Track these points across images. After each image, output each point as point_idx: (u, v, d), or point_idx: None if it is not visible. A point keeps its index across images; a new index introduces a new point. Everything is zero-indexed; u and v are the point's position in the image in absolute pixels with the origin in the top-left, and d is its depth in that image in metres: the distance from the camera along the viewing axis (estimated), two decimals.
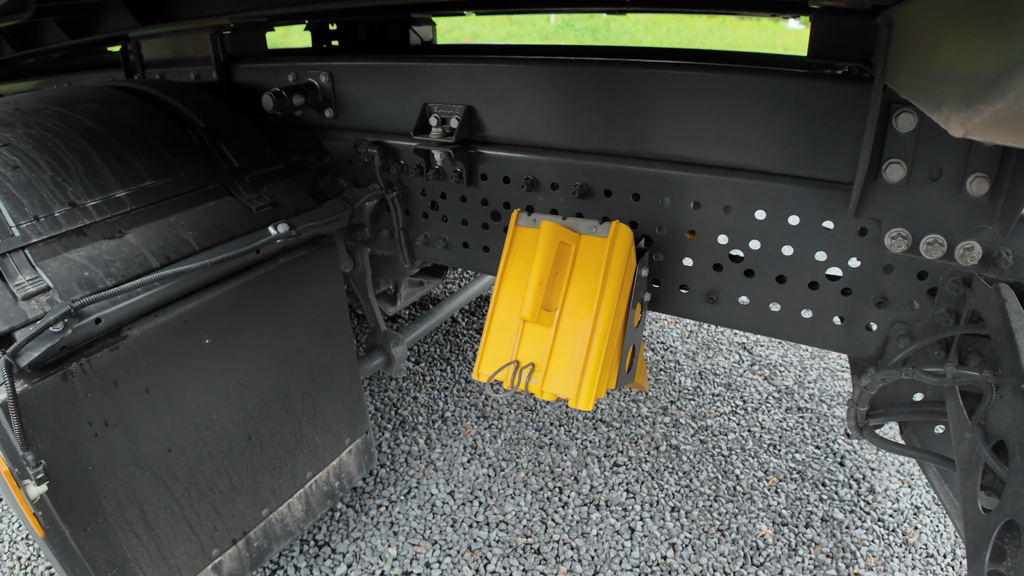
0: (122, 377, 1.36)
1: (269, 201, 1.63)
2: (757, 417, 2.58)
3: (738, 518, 2.14)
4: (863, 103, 1.19)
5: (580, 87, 1.40)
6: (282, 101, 1.70)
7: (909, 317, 1.32)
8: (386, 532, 2.11)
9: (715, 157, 1.33)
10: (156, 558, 1.50)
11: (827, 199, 1.28)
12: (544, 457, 2.39)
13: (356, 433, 1.89)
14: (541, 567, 1.99)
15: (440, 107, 1.56)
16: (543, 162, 1.49)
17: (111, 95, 1.74)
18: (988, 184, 1.15)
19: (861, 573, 1.99)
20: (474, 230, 1.65)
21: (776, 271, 1.36)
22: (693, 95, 1.30)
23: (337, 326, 1.73)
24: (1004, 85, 0.50)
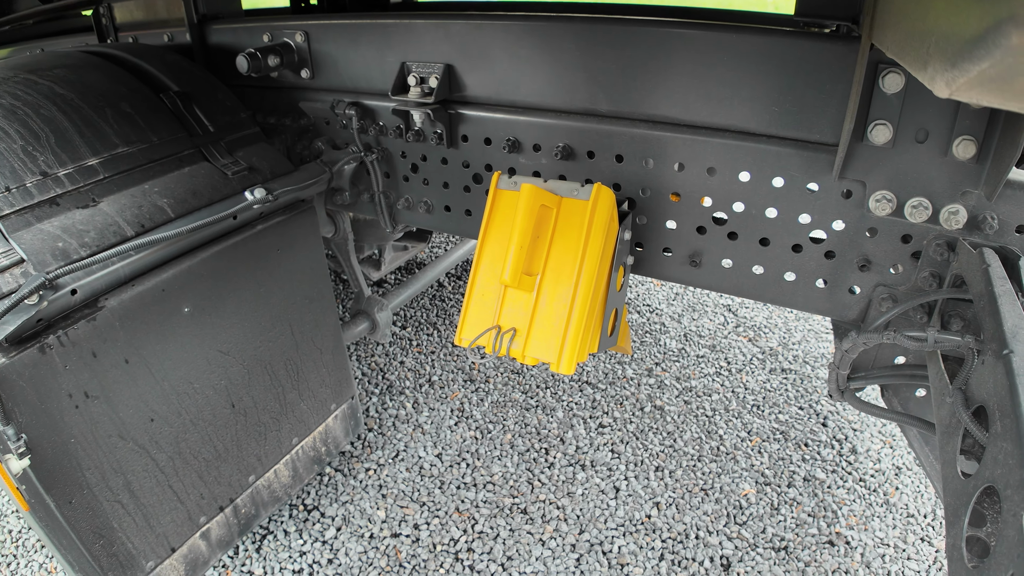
0: (100, 348, 1.35)
1: (245, 166, 1.59)
2: (741, 378, 2.60)
3: (721, 478, 2.18)
4: (850, 63, 1.16)
5: (561, 45, 1.35)
6: (257, 62, 1.64)
7: (892, 281, 1.32)
8: (375, 495, 2.13)
9: (699, 117, 1.30)
10: (143, 527, 1.51)
11: (812, 161, 1.26)
12: (530, 419, 2.41)
13: (341, 398, 1.89)
14: (528, 527, 2.02)
15: (419, 66, 1.51)
16: (525, 123, 1.46)
17: (81, 60, 1.68)
18: (975, 147, 1.14)
19: (842, 532, 2.04)
20: (456, 193, 1.62)
21: (760, 234, 1.34)
22: (677, 53, 1.27)
23: (318, 292, 1.71)
24: (990, 43, 0.48)
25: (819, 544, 2.00)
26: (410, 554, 1.96)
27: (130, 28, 2.15)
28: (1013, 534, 0.75)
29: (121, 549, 1.48)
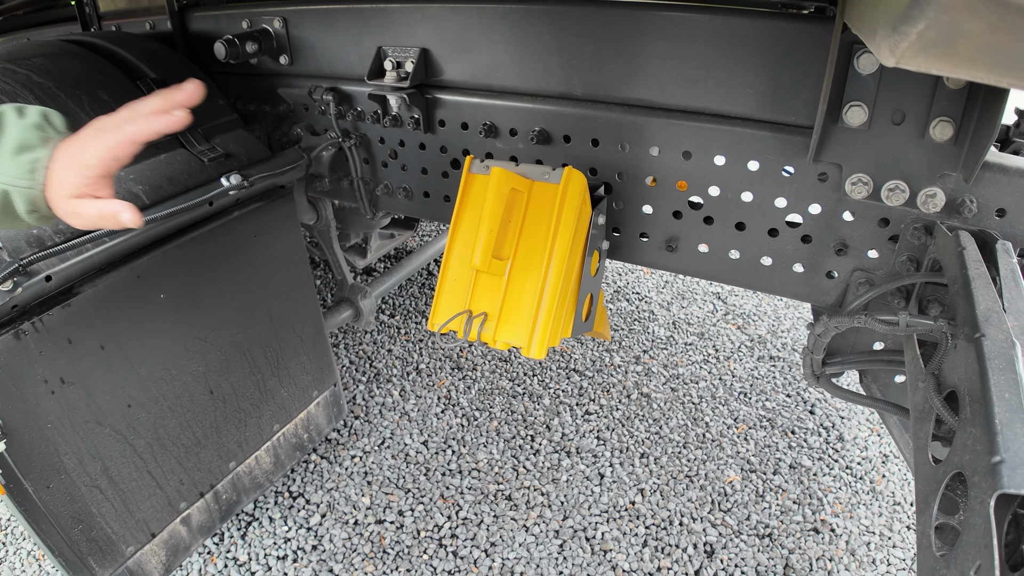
0: (76, 334, 1.35)
1: (222, 152, 1.58)
2: (729, 366, 2.60)
3: (706, 464, 2.18)
4: (825, 44, 1.15)
5: (535, 28, 1.34)
6: (235, 49, 1.63)
7: (870, 265, 1.31)
8: (360, 482, 2.13)
9: (674, 100, 1.29)
10: (122, 512, 1.51)
11: (787, 144, 1.25)
12: (517, 406, 2.41)
13: (324, 386, 1.89)
14: (512, 513, 2.03)
15: (395, 50, 1.50)
16: (501, 107, 1.44)
17: (60, 49, 1.67)
18: (952, 129, 1.12)
19: (827, 519, 2.04)
20: (434, 178, 1.61)
21: (735, 218, 1.33)
22: (650, 35, 1.25)
23: (298, 279, 1.71)
24: (923, 1, 0.47)
25: (804, 531, 2.00)
26: (394, 540, 1.96)
27: (113, 17, 2.15)
28: (980, 522, 0.74)
29: (100, 534, 1.48)
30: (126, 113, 0.90)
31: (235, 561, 1.93)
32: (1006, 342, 0.93)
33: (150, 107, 0.91)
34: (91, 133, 0.89)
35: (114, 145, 0.87)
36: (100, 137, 0.87)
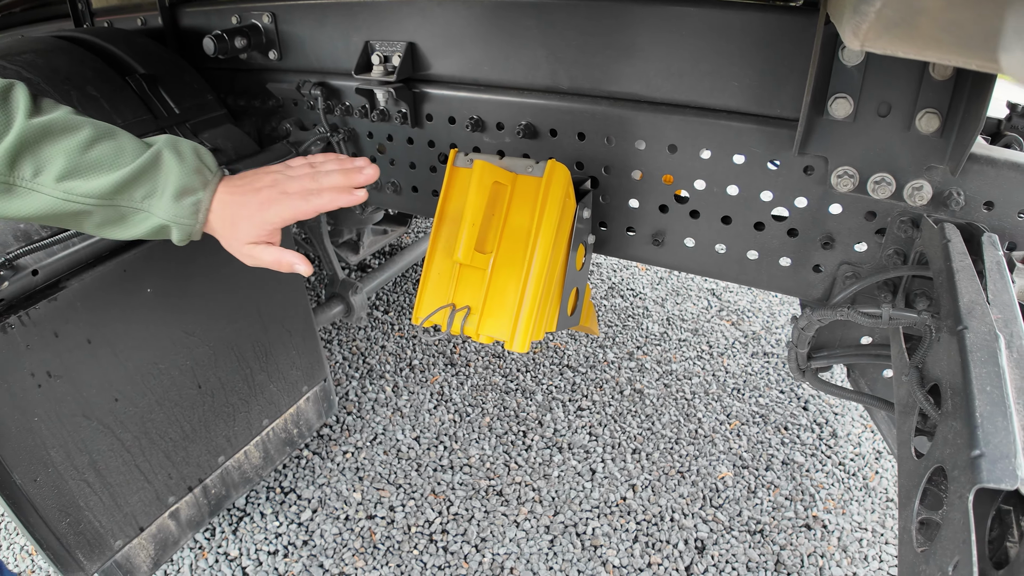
0: (62, 328, 1.35)
1: (210, 147, 1.58)
2: (723, 362, 2.59)
3: (698, 460, 2.17)
4: (809, 35, 1.14)
5: (522, 21, 1.34)
6: (223, 44, 1.63)
7: (856, 258, 1.30)
8: (351, 477, 2.14)
9: (659, 93, 1.29)
10: (110, 506, 1.51)
11: (773, 137, 1.24)
12: (510, 402, 2.41)
13: (313, 381, 1.89)
14: (503, 508, 2.03)
15: (382, 44, 1.50)
16: (488, 101, 1.44)
17: (50, 45, 1.68)
18: (939, 120, 1.11)
19: (820, 515, 2.03)
20: (422, 173, 1.61)
21: (721, 212, 1.33)
22: (635, 28, 1.25)
23: (286, 274, 1.71)
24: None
25: (795, 527, 2.00)
26: (385, 535, 1.96)
27: (105, 13, 2.15)
28: (959, 517, 0.73)
29: (88, 527, 1.48)
30: (308, 182, 0.98)
31: (226, 556, 1.93)
32: (989, 335, 0.93)
33: (333, 182, 0.99)
34: (274, 195, 0.97)
35: (299, 214, 0.97)
36: (285, 202, 0.96)
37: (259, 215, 0.96)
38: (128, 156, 0.91)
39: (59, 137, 0.88)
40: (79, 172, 0.88)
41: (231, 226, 0.97)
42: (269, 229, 0.98)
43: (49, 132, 0.87)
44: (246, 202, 0.96)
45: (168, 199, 0.91)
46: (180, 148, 0.95)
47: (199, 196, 0.93)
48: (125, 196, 0.91)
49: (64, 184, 0.88)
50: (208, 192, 0.94)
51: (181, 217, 0.93)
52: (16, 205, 0.89)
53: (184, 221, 0.93)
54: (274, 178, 0.99)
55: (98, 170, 0.89)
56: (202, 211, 0.94)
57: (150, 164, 0.91)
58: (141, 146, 0.93)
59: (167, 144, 0.94)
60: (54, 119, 0.88)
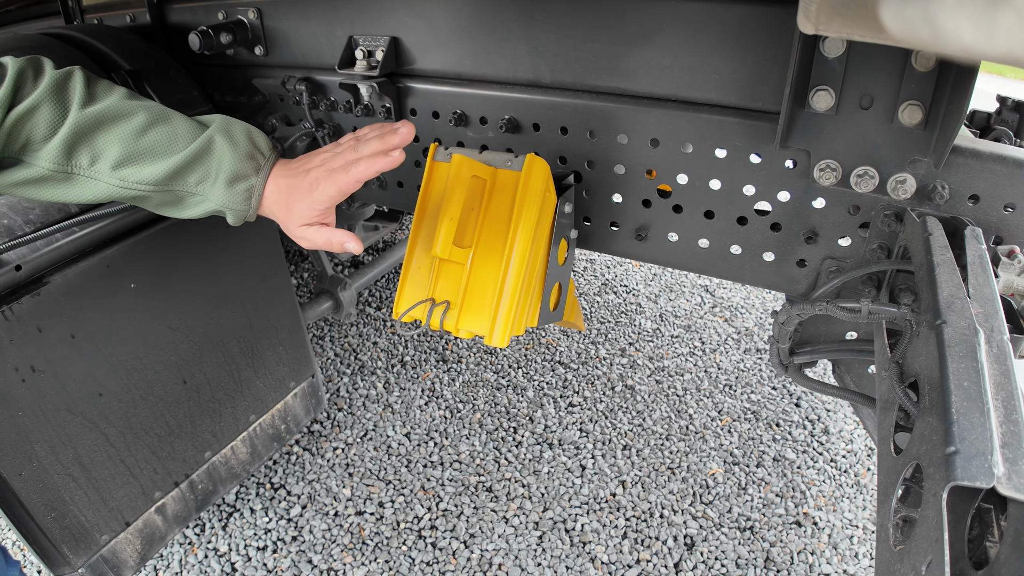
0: (46, 323, 1.35)
1: None
2: (715, 358, 2.58)
3: (689, 457, 2.17)
4: (790, 27, 1.13)
5: (503, 15, 1.33)
6: (209, 40, 1.62)
7: (840, 253, 1.29)
8: (341, 473, 2.14)
9: (641, 87, 1.28)
10: (96, 501, 1.52)
11: (755, 130, 1.23)
12: (501, 398, 2.40)
13: (301, 377, 1.89)
14: (492, 504, 2.03)
15: (366, 39, 1.49)
16: (471, 95, 1.43)
17: (37, 42, 1.68)
18: (921, 113, 1.10)
19: (810, 512, 2.02)
20: (407, 168, 1.61)
21: (704, 206, 1.32)
22: (615, 21, 1.24)
23: (272, 270, 1.70)
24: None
25: (786, 524, 1.99)
26: (373, 531, 1.96)
27: (95, 10, 2.16)
28: (932, 515, 0.72)
29: (74, 522, 1.49)
30: (349, 155, 0.98)
31: (215, 552, 1.93)
32: (968, 329, 0.92)
33: (371, 148, 0.99)
34: (321, 174, 0.96)
35: (344, 187, 0.96)
36: (330, 179, 0.95)
37: (309, 196, 0.96)
38: (182, 141, 0.91)
39: (113, 125, 0.89)
40: (134, 159, 0.90)
41: (287, 210, 0.97)
42: (320, 209, 0.97)
43: (103, 121, 0.89)
44: (298, 185, 0.96)
45: (221, 185, 0.92)
46: (233, 132, 0.95)
47: (251, 182, 0.94)
48: (180, 181, 0.92)
49: (120, 172, 0.90)
50: (261, 178, 0.95)
51: (234, 203, 0.94)
52: (76, 192, 0.91)
53: (237, 207, 0.95)
54: (323, 158, 0.99)
55: (152, 156, 0.90)
56: (255, 196, 0.95)
57: (203, 150, 0.92)
58: (195, 129, 0.93)
59: (220, 129, 0.94)
60: (107, 107, 0.89)
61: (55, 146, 0.88)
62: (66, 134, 0.87)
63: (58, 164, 0.89)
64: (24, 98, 0.86)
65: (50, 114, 0.87)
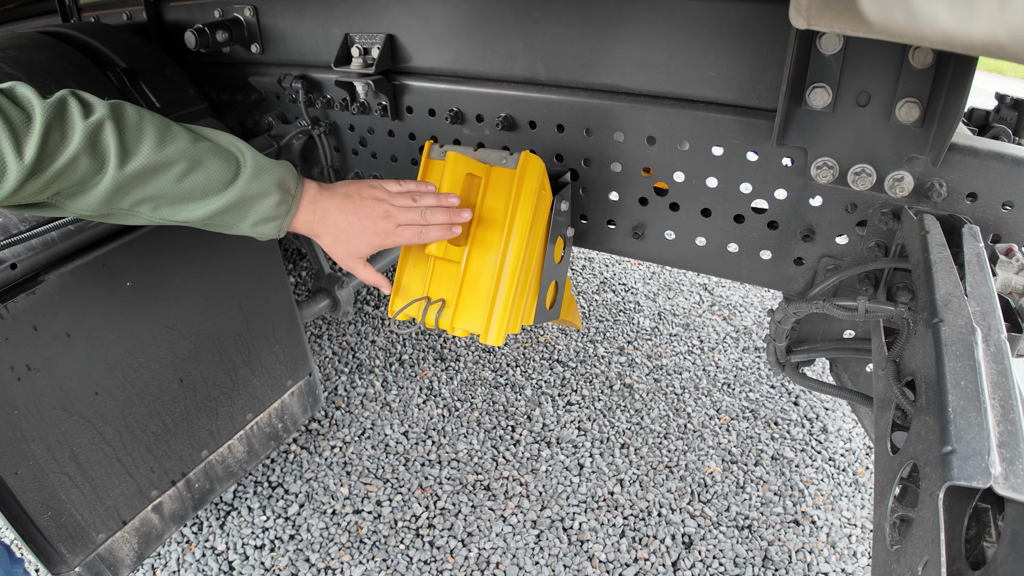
0: (41, 322, 1.35)
1: None
2: (713, 357, 2.58)
3: (687, 455, 2.16)
4: (787, 23, 1.12)
5: (499, 12, 1.32)
6: (205, 38, 1.62)
7: (838, 251, 1.29)
8: (339, 472, 2.13)
9: (637, 84, 1.27)
10: (92, 499, 1.51)
11: (751, 128, 1.23)
12: (499, 397, 2.40)
13: (298, 375, 1.89)
14: (490, 503, 2.02)
15: (361, 37, 1.49)
16: (467, 93, 1.43)
17: (33, 40, 1.68)
18: (919, 110, 1.10)
19: (808, 511, 2.02)
20: (404, 166, 1.60)
21: (701, 204, 1.32)
22: (611, 18, 1.23)
23: (268, 268, 1.70)
24: None
25: (784, 523, 1.99)
26: (371, 530, 1.96)
27: (92, 8, 2.16)
28: (929, 515, 0.71)
29: (70, 521, 1.49)
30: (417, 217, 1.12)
31: (213, 550, 1.93)
32: (965, 328, 0.91)
33: (439, 220, 1.13)
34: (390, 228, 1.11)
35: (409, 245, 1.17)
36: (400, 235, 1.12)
37: (376, 241, 1.10)
38: (216, 186, 0.96)
39: (148, 180, 0.92)
40: (171, 203, 0.95)
41: (346, 242, 1.10)
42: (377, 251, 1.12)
43: (139, 178, 0.91)
44: (363, 228, 1.09)
45: (250, 225, 1.02)
46: (265, 187, 1.00)
47: (280, 222, 1.03)
48: (215, 220, 0.99)
49: (158, 213, 0.96)
50: (290, 216, 1.04)
51: (264, 235, 1.04)
52: (122, 221, 0.97)
53: (267, 235, 1.05)
54: (386, 210, 1.10)
55: (187, 203, 0.96)
56: (284, 228, 1.05)
57: (236, 204, 0.98)
58: (227, 171, 0.97)
59: (252, 185, 0.99)
60: (145, 163, 0.90)
61: (93, 202, 0.90)
62: (103, 191, 0.89)
63: (95, 212, 0.93)
64: (56, 155, 0.85)
65: (86, 170, 0.87)
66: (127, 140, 0.90)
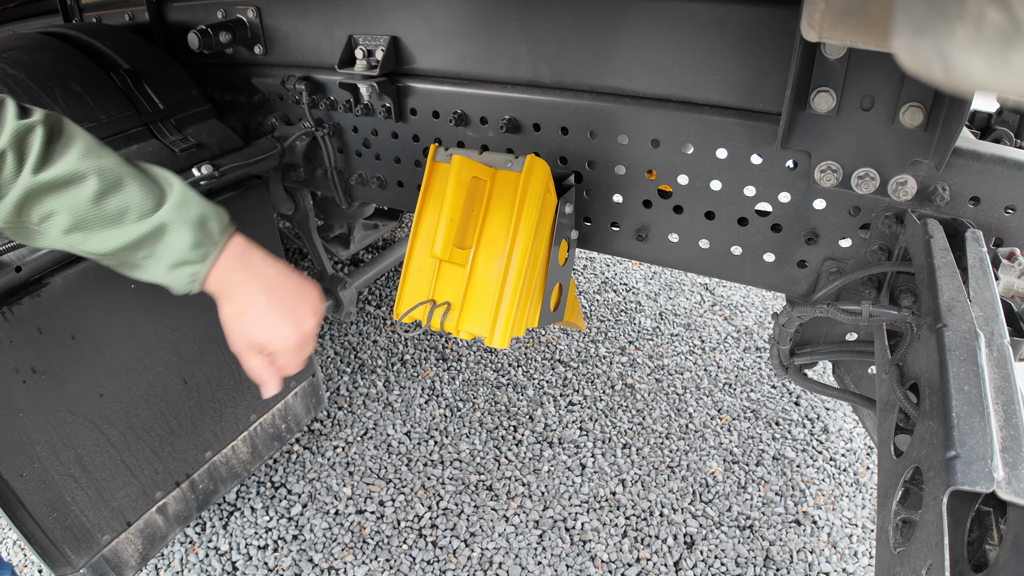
0: (46, 324, 1.35)
1: (194, 142, 1.57)
2: (714, 357, 2.58)
3: (689, 455, 2.17)
4: (791, 28, 1.13)
5: (503, 14, 1.33)
6: (208, 39, 1.62)
7: (841, 254, 1.29)
8: (342, 472, 2.14)
9: (641, 87, 1.28)
10: (97, 501, 1.52)
11: (755, 131, 1.23)
12: (501, 397, 2.40)
13: (302, 376, 1.89)
14: (492, 503, 2.03)
15: (365, 38, 1.49)
16: (471, 95, 1.43)
17: (36, 41, 1.67)
18: (922, 114, 1.10)
19: (809, 511, 2.03)
20: (407, 168, 1.60)
21: (705, 207, 1.32)
22: (616, 22, 1.24)
23: None
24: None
25: (785, 523, 1.99)
26: (374, 530, 1.97)
27: (94, 8, 2.15)
28: (932, 519, 0.72)
29: (75, 522, 1.49)
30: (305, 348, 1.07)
31: (216, 551, 1.94)
32: (969, 333, 0.92)
33: (289, 368, 1.08)
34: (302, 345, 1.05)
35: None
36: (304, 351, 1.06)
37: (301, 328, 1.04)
38: (132, 215, 0.89)
39: (63, 192, 0.87)
40: (81, 228, 0.89)
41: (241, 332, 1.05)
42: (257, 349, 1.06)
43: (53, 188, 0.86)
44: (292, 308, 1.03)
45: (164, 267, 0.93)
46: (186, 219, 0.92)
47: (196, 269, 0.95)
48: (126, 255, 0.92)
49: (68, 238, 0.89)
50: (207, 263, 0.95)
51: (176, 283, 0.96)
52: (31, 240, 0.91)
53: (179, 287, 0.97)
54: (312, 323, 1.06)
55: (100, 228, 0.89)
56: (198, 281, 0.96)
57: (152, 234, 0.90)
58: (147, 199, 0.91)
59: (172, 212, 0.92)
60: (60, 176, 0.86)
61: (5, 208, 0.86)
62: (15, 198, 0.85)
63: (7, 221, 0.88)
64: None
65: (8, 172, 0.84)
66: (53, 147, 0.87)
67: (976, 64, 0.22)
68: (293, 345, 1.03)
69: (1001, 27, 0.21)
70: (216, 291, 1.00)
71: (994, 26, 0.21)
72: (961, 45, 0.22)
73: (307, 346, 1.06)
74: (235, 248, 0.98)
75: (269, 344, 1.03)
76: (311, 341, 1.07)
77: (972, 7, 0.21)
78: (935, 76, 0.26)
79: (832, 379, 1.49)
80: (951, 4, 0.22)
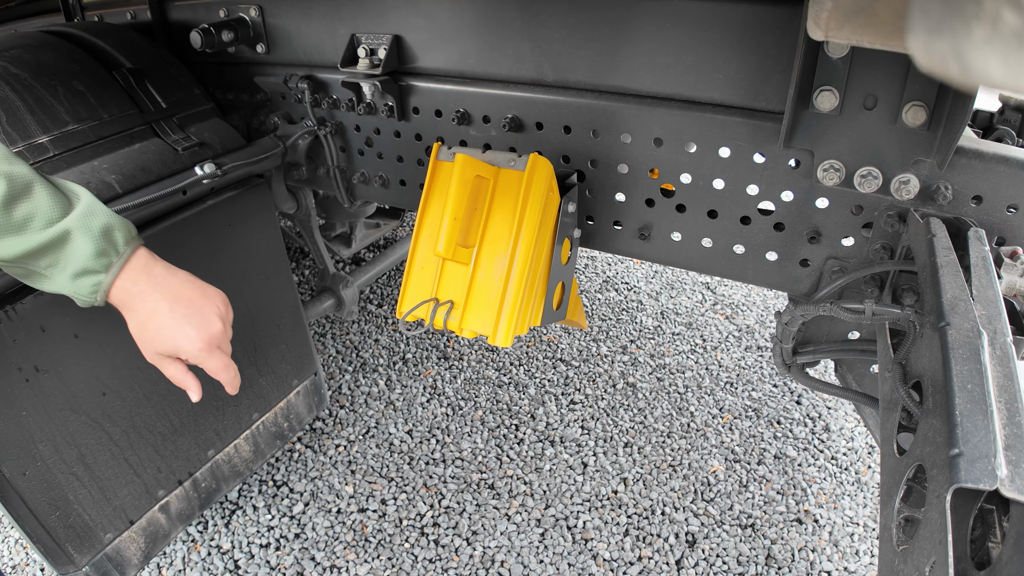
0: (49, 323, 1.35)
1: (196, 141, 1.57)
2: (716, 356, 2.59)
3: (690, 454, 2.17)
4: (795, 27, 1.13)
5: (506, 13, 1.33)
6: (210, 38, 1.62)
7: (843, 253, 1.29)
8: (344, 471, 2.14)
9: (644, 86, 1.28)
10: (99, 500, 1.52)
11: (758, 130, 1.23)
12: (502, 396, 2.41)
13: (304, 375, 1.90)
14: (494, 501, 2.03)
15: (368, 37, 1.49)
16: (474, 94, 1.43)
17: (38, 40, 1.67)
18: (925, 113, 1.10)
19: (811, 510, 2.03)
20: (410, 167, 1.61)
21: (708, 206, 1.32)
22: (619, 20, 1.24)
23: (274, 268, 1.70)
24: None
25: (787, 522, 2.00)
26: (376, 528, 1.97)
27: (96, 7, 2.15)
28: (936, 517, 0.72)
29: (78, 521, 1.49)
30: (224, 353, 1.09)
31: (218, 549, 1.94)
32: (972, 331, 0.92)
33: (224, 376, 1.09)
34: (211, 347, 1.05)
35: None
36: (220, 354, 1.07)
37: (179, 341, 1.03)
38: (38, 222, 0.89)
39: None
40: None
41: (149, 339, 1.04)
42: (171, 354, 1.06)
43: None
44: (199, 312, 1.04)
45: (68, 276, 0.93)
46: (91, 226, 0.93)
47: (99, 279, 0.95)
48: (30, 262, 0.92)
49: None
50: (110, 274, 0.96)
51: (79, 293, 0.96)
52: None
53: (83, 298, 0.96)
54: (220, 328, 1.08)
55: (5, 234, 0.89)
56: (101, 292, 0.96)
57: (56, 241, 0.91)
58: (54, 209, 0.91)
59: (78, 220, 0.92)
60: None
61: None
62: None
63: None
64: None
65: None
66: None
67: (993, 63, 0.22)
68: (202, 348, 1.03)
69: (1016, 28, 0.21)
70: (120, 303, 1.01)
71: (1010, 27, 0.21)
72: (978, 45, 0.22)
73: (220, 349, 1.06)
74: (138, 260, 0.99)
75: (178, 350, 1.03)
76: (225, 344, 1.08)
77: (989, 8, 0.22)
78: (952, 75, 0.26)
79: (834, 377, 1.49)
80: (968, 5, 0.22)
